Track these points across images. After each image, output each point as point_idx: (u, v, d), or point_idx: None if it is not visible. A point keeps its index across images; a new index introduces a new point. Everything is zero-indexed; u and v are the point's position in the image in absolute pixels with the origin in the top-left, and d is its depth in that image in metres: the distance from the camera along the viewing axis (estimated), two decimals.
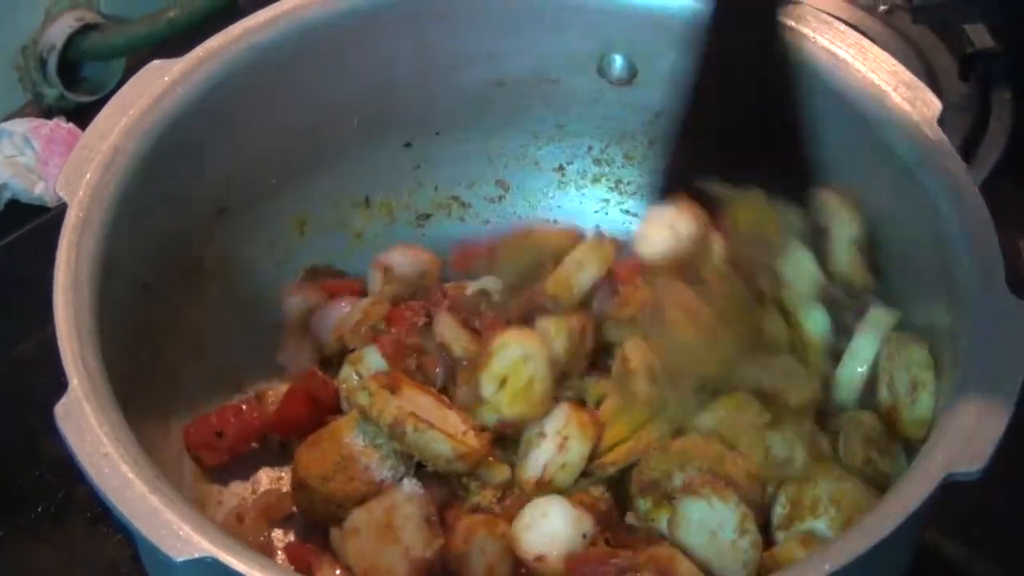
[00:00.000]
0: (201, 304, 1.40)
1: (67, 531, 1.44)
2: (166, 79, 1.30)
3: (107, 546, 1.42)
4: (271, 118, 1.40)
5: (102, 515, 1.43)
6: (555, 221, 1.58)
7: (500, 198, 1.58)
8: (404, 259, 1.48)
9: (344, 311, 1.43)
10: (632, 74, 1.47)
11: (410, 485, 1.25)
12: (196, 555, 0.98)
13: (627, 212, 1.57)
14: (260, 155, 1.41)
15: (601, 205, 1.57)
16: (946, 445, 1.05)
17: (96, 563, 1.42)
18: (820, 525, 1.19)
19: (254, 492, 1.39)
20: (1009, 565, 1.40)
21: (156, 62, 1.31)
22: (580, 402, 1.32)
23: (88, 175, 1.22)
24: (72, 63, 1.85)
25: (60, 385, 1.08)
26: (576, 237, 1.39)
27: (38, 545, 1.43)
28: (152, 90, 1.28)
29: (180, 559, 0.98)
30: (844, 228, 1.30)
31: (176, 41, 1.81)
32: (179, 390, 1.38)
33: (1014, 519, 1.42)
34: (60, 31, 1.83)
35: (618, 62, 1.47)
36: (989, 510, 1.39)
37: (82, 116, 1.78)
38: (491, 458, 1.27)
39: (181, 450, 1.37)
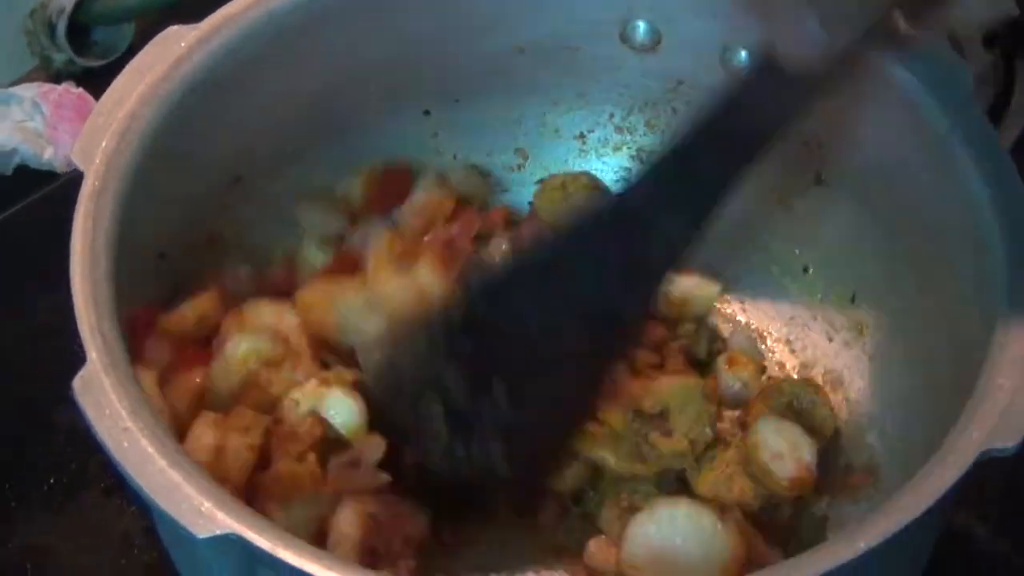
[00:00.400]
0: (217, 275, 1.38)
1: (80, 503, 1.44)
2: (183, 45, 1.27)
3: (121, 518, 1.42)
4: (288, 85, 1.38)
5: (116, 486, 1.43)
6: None
7: (519, 166, 1.56)
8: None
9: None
10: (656, 40, 1.44)
11: None
12: (219, 532, 0.97)
13: None
14: (277, 123, 1.39)
15: (623, 174, 1.55)
16: (981, 421, 1.03)
17: (110, 535, 1.41)
18: None
19: None
20: None
21: (173, 28, 1.29)
22: None
23: (104, 143, 1.20)
24: (81, 27, 1.84)
25: (72, 354, 1.07)
26: None
27: (51, 517, 1.42)
28: (168, 57, 1.26)
29: (203, 536, 0.97)
30: None
31: (186, 3, 1.80)
32: None
33: None
34: None
35: (641, 28, 1.44)
36: (1013, 490, 1.39)
37: (91, 81, 1.77)
38: None
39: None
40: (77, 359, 1.06)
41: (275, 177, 1.42)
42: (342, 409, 1.25)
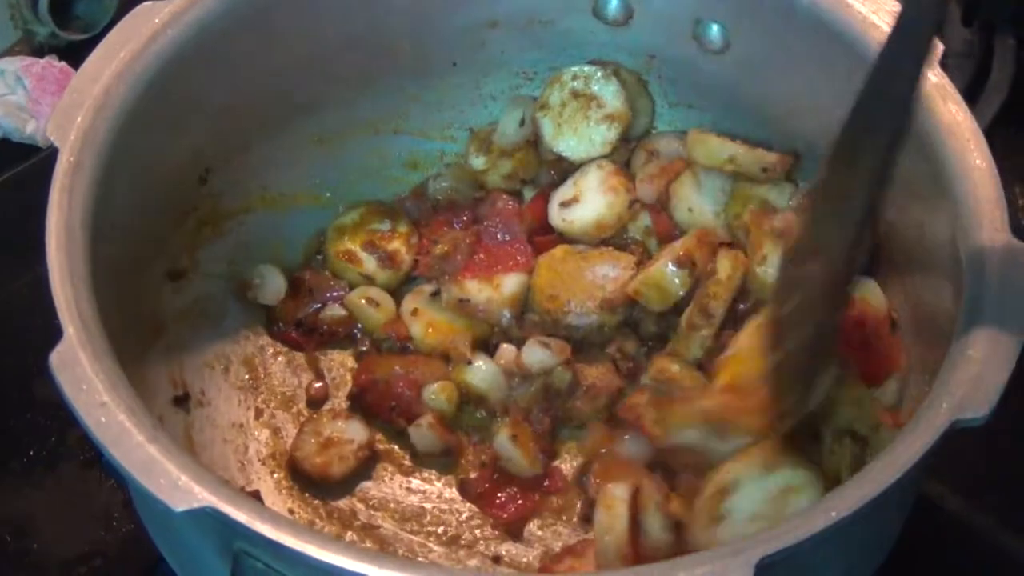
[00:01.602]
0: (193, 250, 1.39)
1: (60, 475, 1.44)
2: (156, 21, 1.27)
3: (100, 491, 1.43)
4: (262, 59, 1.37)
5: (95, 459, 1.43)
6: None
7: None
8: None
9: None
10: (628, 14, 1.44)
11: None
12: (196, 505, 0.97)
13: None
14: (253, 97, 1.39)
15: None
16: (952, 391, 1.05)
17: (89, 507, 1.42)
18: None
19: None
20: (1006, 518, 1.40)
21: (146, 4, 1.28)
22: None
23: (79, 119, 1.19)
24: (64, 1, 1.82)
25: (51, 327, 1.07)
26: None
27: (31, 489, 1.43)
28: (143, 32, 1.26)
29: (180, 509, 0.97)
30: None
31: None
32: (165, 335, 1.37)
33: (1013, 472, 1.43)
34: None
35: (613, 2, 1.45)
36: (989, 463, 1.40)
37: (74, 54, 1.76)
38: None
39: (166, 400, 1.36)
40: (57, 332, 1.06)
41: (250, 151, 1.43)
42: None
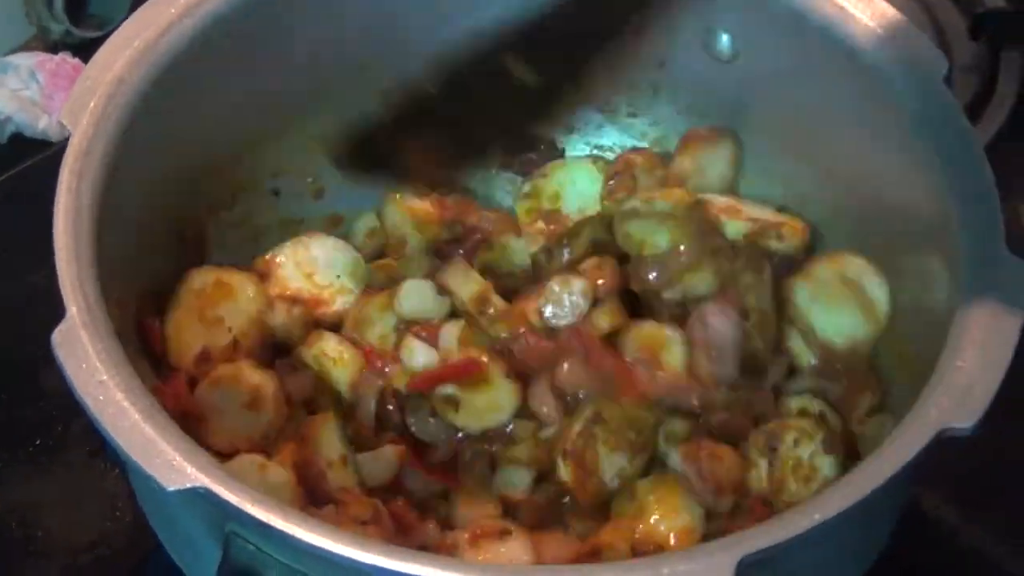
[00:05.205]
0: (203, 240, 1.40)
1: (65, 464, 1.45)
2: (172, 11, 1.28)
3: (105, 480, 1.44)
4: (278, 55, 1.38)
5: (100, 448, 1.44)
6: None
7: None
8: None
9: None
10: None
11: None
12: (188, 485, 0.98)
13: None
14: (266, 91, 1.39)
15: (604, 154, 1.55)
16: (941, 400, 1.05)
17: (94, 497, 1.44)
18: None
19: None
20: (999, 531, 1.40)
21: None
22: None
23: (92, 104, 1.21)
24: None
25: (60, 319, 1.08)
26: None
27: (37, 478, 1.44)
28: (158, 23, 1.27)
29: (172, 488, 0.98)
30: None
31: None
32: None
33: (1006, 485, 1.43)
34: None
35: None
36: (981, 475, 1.40)
37: (88, 51, 1.73)
38: None
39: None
40: None
41: (260, 147, 1.43)
42: None
